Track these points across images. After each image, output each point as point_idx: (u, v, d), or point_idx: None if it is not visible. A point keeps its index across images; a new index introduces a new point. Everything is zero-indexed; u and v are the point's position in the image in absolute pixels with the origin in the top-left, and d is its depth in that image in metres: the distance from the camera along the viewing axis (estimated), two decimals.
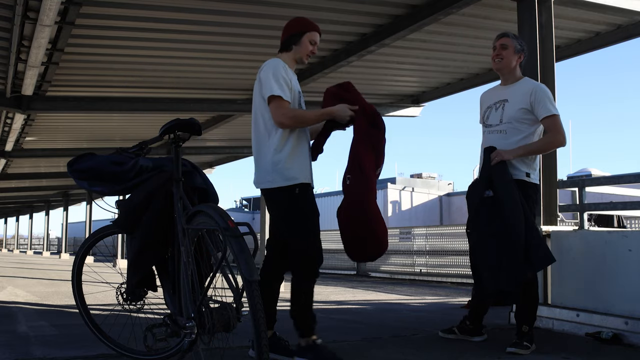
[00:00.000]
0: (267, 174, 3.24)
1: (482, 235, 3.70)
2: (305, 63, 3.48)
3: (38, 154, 13.35)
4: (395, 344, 3.90)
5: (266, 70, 3.26)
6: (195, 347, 2.59)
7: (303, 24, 3.42)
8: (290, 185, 3.21)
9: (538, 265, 3.64)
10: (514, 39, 3.89)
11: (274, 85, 3.19)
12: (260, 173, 3.30)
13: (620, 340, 3.88)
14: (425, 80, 9.01)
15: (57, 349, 3.64)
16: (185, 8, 5.79)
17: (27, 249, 37.46)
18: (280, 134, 3.22)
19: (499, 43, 3.89)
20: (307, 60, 3.47)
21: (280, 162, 3.20)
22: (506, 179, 3.65)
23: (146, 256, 2.87)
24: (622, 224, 10.96)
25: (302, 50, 3.38)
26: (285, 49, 3.41)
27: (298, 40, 3.36)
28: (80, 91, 8.60)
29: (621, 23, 6.55)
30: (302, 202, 3.24)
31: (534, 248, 3.54)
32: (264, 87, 3.23)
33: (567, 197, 9.46)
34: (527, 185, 3.78)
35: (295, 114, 3.24)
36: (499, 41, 3.89)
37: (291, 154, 3.23)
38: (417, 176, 28.84)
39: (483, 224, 3.69)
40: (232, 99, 9.37)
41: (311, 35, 3.38)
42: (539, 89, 3.82)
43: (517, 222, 3.53)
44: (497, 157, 3.70)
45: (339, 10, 5.89)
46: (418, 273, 12.28)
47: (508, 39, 3.88)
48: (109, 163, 2.92)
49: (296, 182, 3.22)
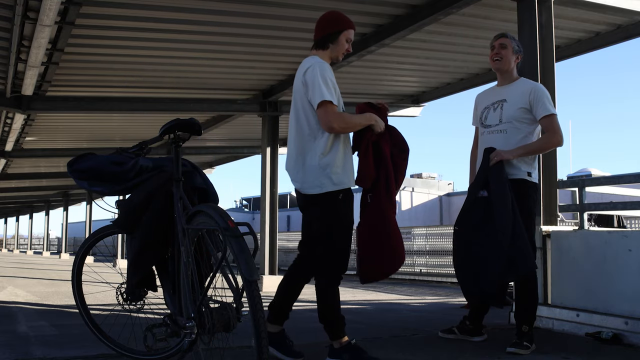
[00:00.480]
0: (315, 178, 3.17)
1: (469, 235, 3.72)
2: (340, 61, 3.42)
3: (38, 154, 13.35)
4: (395, 344, 3.90)
5: (313, 72, 3.17)
6: (195, 347, 2.59)
7: (340, 21, 3.33)
8: (337, 190, 3.18)
9: (521, 270, 3.57)
10: (512, 40, 3.92)
11: (324, 90, 3.12)
12: (307, 177, 3.21)
13: (620, 340, 3.88)
14: (425, 80, 9.01)
15: (57, 349, 3.64)
16: (185, 8, 5.79)
17: (27, 249, 37.45)
18: (327, 137, 3.17)
19: (497, 43, 3.90)
20: (342, 58, 3.40)
21: (328, 166, 3.16)
22: (501, 180, 3.65)
23: (146, 256, 2.87)
24: (622, 224, 10.95)
25: (339, 49, 3.32)
26: (322, 47, 3.32)
27: (335, 38, 3.29)
28: (80, 91, 8.60)
29: (621, 23, 6.55)
30: (344, 207, 3.22)
31: (519, 253, 3.51)
32: (313, 91, 3.14)
33: (567, 197, 9.46)
34: (528, 185, 3.78)
35: (344, 120, 3.20)
36: (498, 41, 3.91)
37: (338, 158, 3.19)
38: (417, 176, 28.83)
39: (472, 224, 3.71)
40: (232, 99, 9.38)
41: (348, 33, 3.32)
42: (538, 88, 3.85)
43: (504, 224, 3.53)
44: (496, 157, 3.70)
45: (339, 10, 5.88)
46: (418, 273, 12.28)
47: (507, 39, 3.90)
48: (109, 163, 2.91)
49: (343, 187, 3.20)
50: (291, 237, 17.68)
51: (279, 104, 9.27)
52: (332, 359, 3.19)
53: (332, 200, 3.18)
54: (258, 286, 2.37)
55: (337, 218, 3.21)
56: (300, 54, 7.41)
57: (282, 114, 9.34)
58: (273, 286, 8.96)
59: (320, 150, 3.16)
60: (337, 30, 3.30)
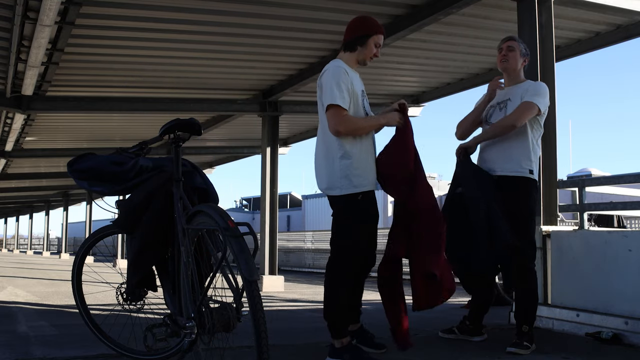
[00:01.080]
0: (337, 179, 3.23)
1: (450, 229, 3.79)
2: (367, 65, 3.46)
3: (38, 154, 13.35)
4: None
5: (327, 76, 3.23)
6: (195, 347, 2.59)
7: (370, 25, 3.38)
8: (357, 192, 3.22)
9: (500, 252, 3.69)
10: (520, 43, 3.99)
11: (335, 92, 3.17)
12: (329, 178, 3.27)
13: (620, 340, 3.88)
14: (425, 80, 9.02)
15: (57, 349, 3.65)
16: (185, 8, 5.79)
17: (27, 249, 37.45)
18: (347, 139, 3.22)
19: (506, 45, 3.96)
20: (369, 63, 3.44)
21: (347, 168, 3.21)
22: (466, 175, 3.85)
23: (146, 256, 2.87)
24: (622, 224, 10.95)
25: (367, 52, 3.35)
26: (350, 49, 3.37)
27: (364, 42, 3.33)
28: (80, 91, 8.60)
29: (621, 23, 6.55)
30: (363, 208, 3.25)
31: (496, 237, 3.62)
32: (325, 94, 3.22)
33: (567, 197, 9.44)
34: (530, 183, 3.80)
35: (350, 124, 3.22)
36: (507, 43, 3.96)
37: (357, 160, 3.23)
38: None
39: (450, 220, 3.71)
40: (232, 99, 9.37)
41: (377, 38, 3.36)
42: (534, 84, 3.93)
43: (478, 218, 3.67)
44: (460, 151, 3.91)
45: (339, 10, 5.89)
46: None
47: (515, 42, 3.97)
48: (109, 163, 2.91)
49: (363, 190, 3.23)
50: (291, 237, 17.68)
51: (279, 104, 9.26)
52: (332, 358, 3.20)
53: (350, 201, 3.22)
54: (258, 286, 2.36)
55: (354, 219, 3.24)
56: (300, 54, 7.42)
57: (282, 114, 9.33)
58: (273, 286, 8.97)
59: (341, 153, 3.21)
60: (367, 34, 3.34)
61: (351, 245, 3.23)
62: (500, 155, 3.83)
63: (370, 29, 3.35)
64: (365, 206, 3.26)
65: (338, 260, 3.26)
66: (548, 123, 4.75)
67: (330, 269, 3.28)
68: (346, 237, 3.24)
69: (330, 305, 3.25)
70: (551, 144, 4.81)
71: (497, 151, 3.85)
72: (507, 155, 3.80)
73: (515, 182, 3.76)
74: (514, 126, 3.73)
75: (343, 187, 3.21)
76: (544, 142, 4.73)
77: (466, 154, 3.94)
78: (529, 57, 4.03)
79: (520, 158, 3.77)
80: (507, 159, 3.79)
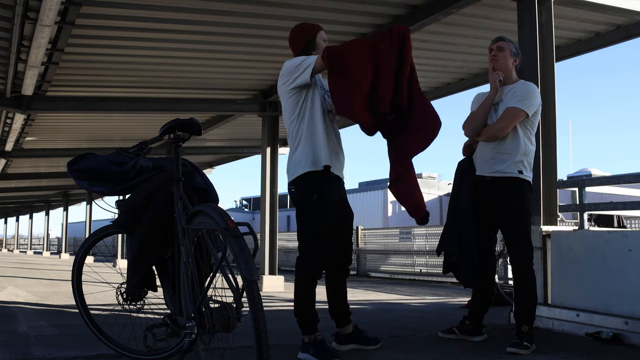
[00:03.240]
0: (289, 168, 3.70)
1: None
2: None
3: (38, 154, 13.34)
4: (395, 344, 3.90)
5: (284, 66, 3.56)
6: (195, 347, 2.59)
7: (309, 29, 3.60)
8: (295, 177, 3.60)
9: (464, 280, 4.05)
10: (509, 43, 3.98)
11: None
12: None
13: (620, 340, 3.88)
14: (425, 80, 9.00)
15: (57, 349, 3.65)
16: (185, 8, 5.79)
17: (27, 249, 37.42)
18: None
19: (495, 46, 3.98)
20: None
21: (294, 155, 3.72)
22: (455, 183, 4.10)
23: (146, 256, 2.87)
24: (622, 224, 10.96)
25: (319, 51, 3.48)
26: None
27: (314, 44, 3.54)
28: (80, 91, 8.60)
29: (621, 23, 6.55)
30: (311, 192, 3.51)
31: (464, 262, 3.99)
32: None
33: (567, 197, 9.45)
34: (521, 183, 3.79)
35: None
36: (496, 44, 3.98)
37: (303, 147, 3.73)
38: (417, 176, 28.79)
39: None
40: (232, 99, 9.37)
41: (320, 34, 3.58)
42: (523, 86, 3.88)
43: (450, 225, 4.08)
44: (466, 148, 4.06)
45: (339, 10, 5.90)
46: (418, 273, 12.28)
47: (504, 42, 3.96)
48: (109, 163, 2.92)
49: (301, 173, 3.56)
50: (291, 237, 17.67)
51: (279, 104, 9.19)
52: (302, 352, 3.37)
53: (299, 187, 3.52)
54: (258, 286, 2.36)
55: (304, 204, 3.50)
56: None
57: (281, 114, 9.30)
58: (273, 286, 8.97)
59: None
60: (311, 37, 3.56)
61: (306, 240, 3.46)
62: (491, 157, 3.84)
63: (310, 32, 3.57)
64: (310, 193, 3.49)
65: (300, 256, 3.46)
66: (548, 123, 4.76)
67: (297, 265, 3.47)
68: (302, 235, 3.48)
69: (297, 302, 3.44)
70: (551, 144, 4.81)
71: (488, 152, 3.86)
72: (497, 156, 3.81)
73: (506, 183, 3.77)
74: (496, 137, 3.78)
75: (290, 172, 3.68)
76: (544, 142, 4.73)
77: (472, 151, 4.01)
78: (520, 56, 4.01)
79: (509, 159, 3.77)
80: (497, 160, 3.80)
